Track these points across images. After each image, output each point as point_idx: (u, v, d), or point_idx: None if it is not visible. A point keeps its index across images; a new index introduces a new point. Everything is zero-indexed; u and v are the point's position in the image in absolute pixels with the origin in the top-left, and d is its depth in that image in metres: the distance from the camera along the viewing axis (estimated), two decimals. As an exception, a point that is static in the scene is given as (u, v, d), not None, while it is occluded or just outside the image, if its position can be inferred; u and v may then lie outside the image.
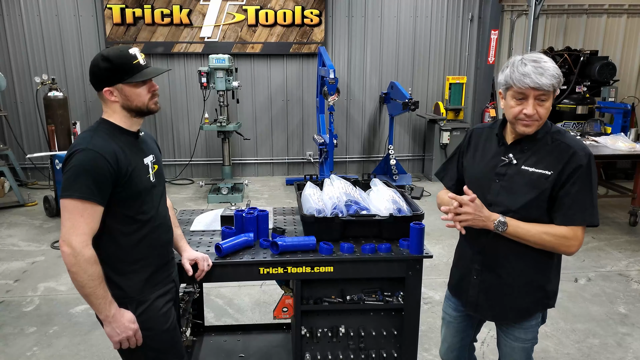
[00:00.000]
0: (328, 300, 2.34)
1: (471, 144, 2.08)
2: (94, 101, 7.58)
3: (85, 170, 1.65)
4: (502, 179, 1.89)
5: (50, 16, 7.31)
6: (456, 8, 8.01)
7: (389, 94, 7.51)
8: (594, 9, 8.23)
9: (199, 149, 7.98)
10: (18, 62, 7.39)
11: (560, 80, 1.76)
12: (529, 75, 1.72)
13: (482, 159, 1.99)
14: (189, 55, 7.63)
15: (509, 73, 1.78)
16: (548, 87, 1.72)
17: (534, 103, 1.76)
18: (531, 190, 1.83)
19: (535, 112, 1.77)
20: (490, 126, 2.05)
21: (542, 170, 1.82)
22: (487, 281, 1.99)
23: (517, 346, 2.04)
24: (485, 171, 1.95)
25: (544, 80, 1.71)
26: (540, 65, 1.73)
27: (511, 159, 1.88)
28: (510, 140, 1.92)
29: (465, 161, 2.09)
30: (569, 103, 7.47)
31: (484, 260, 1.98)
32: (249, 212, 2.43)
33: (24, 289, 4.17)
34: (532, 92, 1.74)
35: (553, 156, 1.82)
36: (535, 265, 1.92)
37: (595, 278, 4.42)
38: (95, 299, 1.68)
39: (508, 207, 1.87)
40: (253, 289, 4.15)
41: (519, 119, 1.80)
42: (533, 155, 1.85)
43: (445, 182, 2.21)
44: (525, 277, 1.93)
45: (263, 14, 7.53)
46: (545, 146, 1.85)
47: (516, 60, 1.78)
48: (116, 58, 1.73)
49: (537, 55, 1.77)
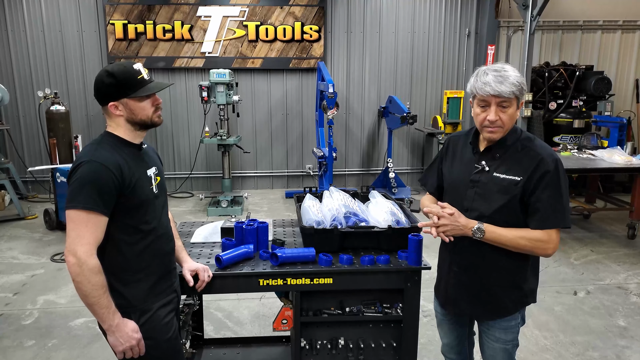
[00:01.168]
0: (327, 312, 2.36)
1: (449, 152, 2.17)
2: (95, 114, 7.65)
3: (90, 181, 1.69)
4: (476, 185, 1.98)
5: (54, 32, 7.41)
6: (453, 24, 8.13)
7: (387, 107, 7.58)
8: (589, 25, 8.35)
9: (199, 162, 8.03)
10: (21, 76, 7.48)
11: (523, 88, 1.85)
12: (489, 84, 1.83)
13: (459, 165, 2.09)
14: (190, 69, 7.72)
15: (473, 82, 1.90)
16: (508, 94, 1.82)
17: (496, 110, 1.86)
18: (503, 196, 1.92)
19: (497, 118, 1.86)
20: (465, 133, 2.14)
21: (512, 177, 1.91)
22: (463, 281, 2.07)
23: (499, 347, 2.11)
24: (461, 178, 2.05)
25: (503, 87, 1.81)
26: (501, 74, 1.83)
27: (484, 166, 1.97)
28: (482, 148, 2.01)
29: (444, 168, 2.18)
30: (566, 117, 7.55)
31: (460, 261, 2.07)
32: (248, 223, 2.46)
33: (23, 301, 4.17)
34: (494, 99, 1.85)
35: (522, 163, 1.91)
36: (511, 265, 2.00)
37: (594, 291, 4.43)
38: (99, 308, 1.71)
39: (482, 213, 1.95)
40: (252, 302, 4.15)
41: (484, 125, 1.91)
42: (504, 162, 1.95)
43: (428, 188, 2.31)
44: (501, 277, 2.02)
45: (263, 30, 7.63)
46: (515, 153, 1.94)
47: (480, 71, 1.89)
48: (120, 74, 1.78)
49: (500, 65, 1.88)
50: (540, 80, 7.68)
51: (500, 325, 2.07)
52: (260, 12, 7.60)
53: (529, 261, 2.02)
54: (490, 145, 1.98)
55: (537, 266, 2.10)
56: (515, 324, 2.09)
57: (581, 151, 6.16)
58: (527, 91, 1.88)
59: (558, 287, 4.48)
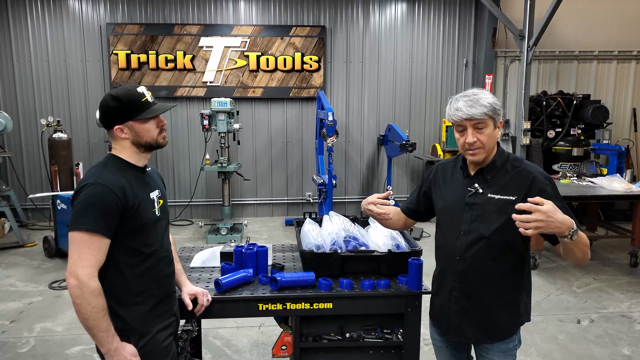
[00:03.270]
0: (327, 337, 2.33)
1: (438, 179, 2.19)
2: (97, 142, 7.71)
3: (93, 203, 1.70)
4: (472, 208, 1.99)
5: (59, 62, 7.56)
6: (451, 54, 8.29)
7: (386, 136, 7.65)
8: (584, 55, 8.51)
9: (199, 190, 8.05)
10: (25, 104, 7.58)
11: (496, 109, 1.91)
12: (460, 109, 1.90)
13: (451, 191, 2.10)
14: (191, 98, 7.83)
15: (448, 110, 1.97)
16: (480, 116, 1.88)
17: (472, 132, 1.92)
18: (501, 216, 1.92)
19: (475, 140, 1.91)
20: (454, 160, 2.19)
21: (507, 197, 1.93)
22: (465, 306, 2.05)
23: None
24: (455, 203, 2.06)
25: (474, 110, 1.88)
26: (471, 98, 1.90)
27: (477, 188, 1.99)
28: (472, 171, 2.04)
29: (434, 196, 2.20)
30: (565, 145, 7.61)
31: (462, 287, 2.04)
32: (248, 248, 2.46)
33: (19, 329, 4.11)
34: (468, 122, 1.91)
35: (515, 182, 1.95)
36: (507, 287, 2.01)
37: (597, 319, 4.37)
38: (98, 331, 1.69)
39: (482, 234, 1.96)
40: (251, 330, 4.10)
41: (465, 149, 1.96)
42: (496, 183, 1.98)
43: (402, 205, 2.35)
44: (500, 299, 2.02)
45: (264, 60, 7.78)
46: (506, 174, 1.98)
47: (453, 98, 1.97)
48: (125, 97, 1.81)
49: (471, 90, 1.95)
50: (538, 109, 7.77)
51: (499, 348, 2.06)
52: (261, 42, 7.77)
53: (523, 281, 2.04)
54: (481, 168, 2.01)
55: (529, 286, 2.11)
56: (513, 346, 2.08)
57: (580, 179, 6.18)
58: (502, 113, 1.93)
59: (561, 316, 4.43)
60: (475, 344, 2.15)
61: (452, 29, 8.22)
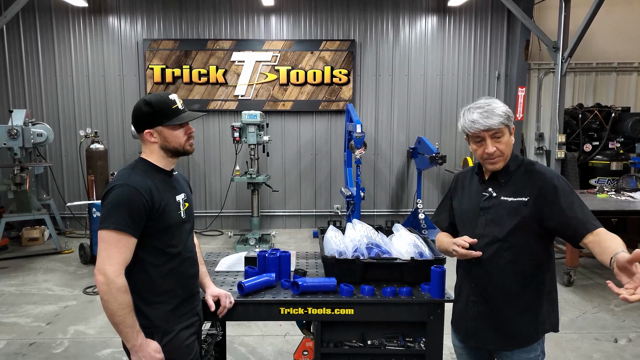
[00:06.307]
0: (349, 344, 2.32)
1: (457, 188, 2.22)
2: (131, 154, 7.96)
3: (122, 203, 1.76)
4: (487, 212, 2.00)
5: (98, 76, 7.89)
6: (482, 67, 8.20)
7: (416, 148, 7.60)
8: (624, 67, 8.28)
9: (229, 201, 8.17)
10: (66, 117, 7.92)
11: (509, 116, 1.92)
12: (477, 121, 1.90)
13: (468, 198, 2.12)
14: (223, 112, 8.00)
15: (462, 122, 1.97)
16: (498, 126, 1.89)
17: (491, 142, 1.92)
18: (514, 217, 1.92)
19: (495, 149, 1.92)
20: (472, 169, 2.19)
21: (519, 198, 1.93)
22: (482, 311, 2.03)
23: None
24: (471, 208, 2.07)
25: (491, 121, 1.88)
26: (485, 109, 1.90)
27: (491, 192, 2.01)
28: (487, 176, 2.06)
29: (454, 203, 2.21)
30: (603, 159, 7.38)
31: (479, 292, 2.03)
32: (271, 252, 2.48)
33: (54, 331, 4.25)
34: (486, 133, 1.91)
35: (527, 184, 1.95)
36: (524, 292, 1.97)
37: (635, 339, 4.18)
38: (124, 327, 1.74)
39: (496, 237, 1.96)
40: (277, 338, 4.11)
41: (484, 159, 1.97)
42: (509, 187, 1.98)
43: (441, 226, 2.31)
44: (517, 304, 1.98)
45: (294, 74, 7.89)
46: (519, 177, 1.98)
47: (465, 109, 1.96)
48: (157, 103, 1.89)
49: (483, 101, 1.95)
50: (573, 122, 7.58)
51: (520, 357, 2.01)
52: (291, 57, 7.90)
53: (544, 287, 2.00)
54: (495, 173, 2.02)
55: (552, 294, 2.05)
56: (535, 357, 2.02)
57: (619, 193, 5.97)
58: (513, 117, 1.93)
59: (597, 334, 4.25)
60: (495, 351, 2.10)
61: (483, 41, 8.14)
